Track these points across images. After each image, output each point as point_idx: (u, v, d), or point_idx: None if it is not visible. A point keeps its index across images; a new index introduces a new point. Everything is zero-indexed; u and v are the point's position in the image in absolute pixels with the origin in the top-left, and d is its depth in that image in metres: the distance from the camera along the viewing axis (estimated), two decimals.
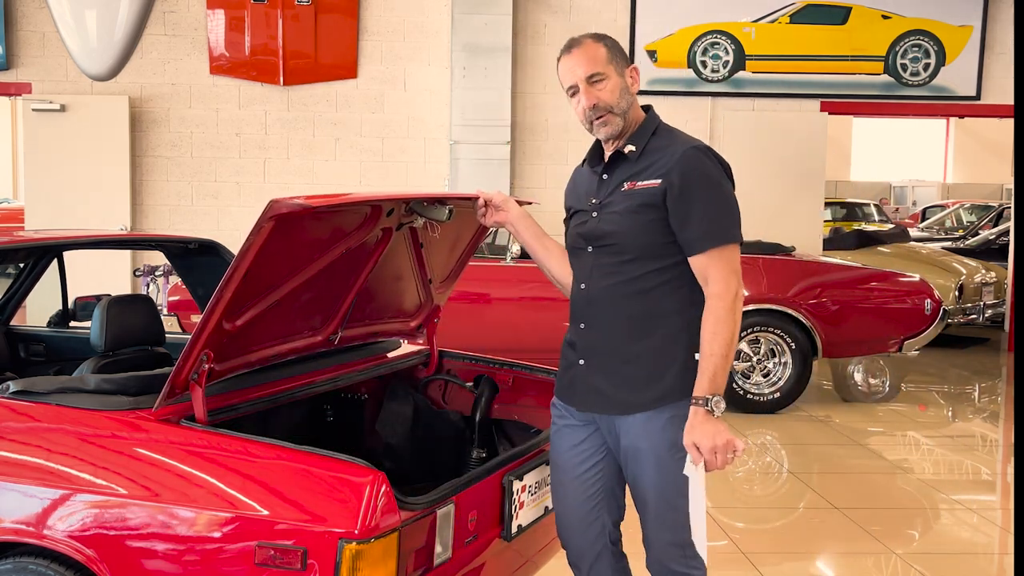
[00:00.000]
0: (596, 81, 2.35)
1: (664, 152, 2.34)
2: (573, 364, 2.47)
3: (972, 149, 22.16)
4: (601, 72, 2.35)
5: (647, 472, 2.35)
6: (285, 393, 2.59)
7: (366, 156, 9.10)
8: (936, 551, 4.22)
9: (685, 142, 2.36)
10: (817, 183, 9.27)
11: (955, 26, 9.24)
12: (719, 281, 2.27)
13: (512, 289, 6.73)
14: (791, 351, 6.59)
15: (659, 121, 2.44)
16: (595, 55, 2.36)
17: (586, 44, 2.37)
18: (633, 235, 2.34)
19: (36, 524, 2.15)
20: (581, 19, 9.10)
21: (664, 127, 2.43)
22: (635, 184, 2.34)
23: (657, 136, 2.39)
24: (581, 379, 2.44)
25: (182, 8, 8.95)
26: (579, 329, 2.45)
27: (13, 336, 4.01)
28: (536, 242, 2.63)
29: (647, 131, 2.40)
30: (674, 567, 2.39)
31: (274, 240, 2.11)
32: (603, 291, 2.39)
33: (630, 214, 2.34)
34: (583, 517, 2.48)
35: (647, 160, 2.36)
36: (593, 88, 2.35)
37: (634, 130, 2.40)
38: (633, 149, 2.38)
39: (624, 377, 2.36)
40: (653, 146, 2.37)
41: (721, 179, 2.33)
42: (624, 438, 2.38)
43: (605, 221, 2.38)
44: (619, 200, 2.37)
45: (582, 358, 2.44)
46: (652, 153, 2.36)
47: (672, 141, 2.37)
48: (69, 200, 8.63)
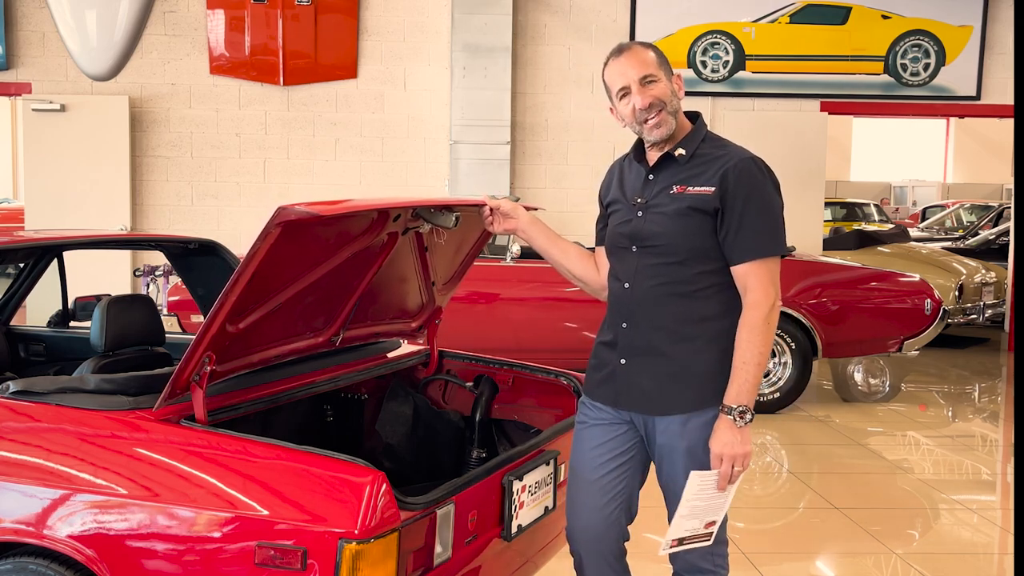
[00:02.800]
0: (649, 82, 2.36)
1: (718, 160, 2.36)
2: (610, 363, 2.47)
3: (972, 149, 22.16)
4: (653, 74, 2.37)
5: (683, 472, 2.36)
6: (285, 393, 2.59)
7: (366, 156, 9.10)
8: (936, 551, 4.22)
9: (739, 151, 2.39)
10: (817, 183, 9.27)
11: (955, 26, 9.24)
12: (757, 290, 2.30)
13: (512, 289, 6.73)
14: (791, 351, 6.59)
15: (707, 129, 2.47)
16: (646, 58, 2.38)
17: (636, 48, 2.40)
18: (681, 238, 2.36)
19: (36, 524, 2.15)
20: (581, 19, 9.10)
21: (712, 135, 2.46)
22: (685, 188, 2.36)
23: (707, 143, 2.42)
24: (622, 378, 2.44)
25: (182, 8, 8.95)
26: (621, 328, 2.45)
27: (13, 336, 4.01)
28: (551, 245, 2.63)
29: (697, 137, 2.42)
30: (702, 564, 2.44)
31: (280, 246, 2.11)
32: (648, 291, 2.40)
33: (679, 217, 2.35)
34: (604, 517, 2.48)
35: (697, 166, 2.37)
36: (647, 88, 2.37)
37: (684, 135, 2.42)
38: (683, 152, 2.39)
39: (667, 377, 2.38)
40: (703, 152, 2.39)
41: (773, 192, 2.37)
42: (661, 436, 2.40)
43: (652, 222, 2.39)
44: (667, 202, 2.38)
45: (623, 357, 2.44)
46: (703, 159, 2.38)
47: (725, 150, 2.40)
48: (69, 200, 8.63)
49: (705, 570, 2.45)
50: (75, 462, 2.17)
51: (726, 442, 2.27)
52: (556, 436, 2.78)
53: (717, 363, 2.34)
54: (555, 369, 3.15)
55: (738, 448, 2.26)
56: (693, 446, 2.35)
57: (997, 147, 20.82)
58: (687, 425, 2.35)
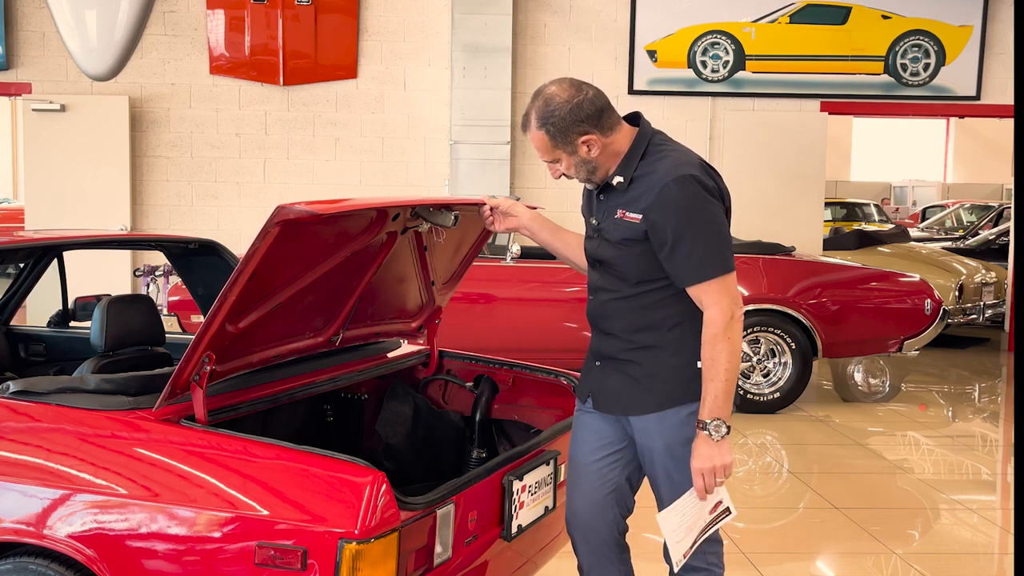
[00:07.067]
0: (551, 163, 2.41)
1: (648, 180, 2.32)
2: (590, 364, 2.56)
3: (972, 149, 22.16)
4: (551, 158, 2.39)
5: (662, 469, 2.41)
6: (285, 393, 2.59)
7: (366, 156, 9.10)
8: (936, 551, 4.22)
9: (666, 172, 2.30)
10: (817, 183, 9.27)
11: (955, 26, 9.24)
12: (711, 307, 2.29)
13: (512, 289, 6.73)
14: (791, 351, 6.59)
15: (649, 137, 2.39)
16: (540, 145, 2.38)
17: (530, 131, 2.38)
18: (627, 264, 2.38)
19: (36, 524, 2.15)
20: (581, 19, 9.10)
21: (655, 144, 2.38)
22: (624, 213, 2.36)
23: (646, 159, 2.36)
24: (597, 380, 2.52)
25: (182, 8, 8.95)
26: (593, 334, 2.54)
27: (13, 336, 4.01)
28: (555, 239, 2.65)
29: (635, 156, 2.37)
30: (695, 563, 2.46)
31: (280, 245, 2.11)
32: (607, 304, 2.45)
33: (619, 245, 2.37)
34: (596, 503, 2.51)
35: (637, 188, 2.35)
36: (552, 166, 2.42)
37: (619, 161, 2.38)
38: (621, 180, 2.38)
39: (633, 381, 2.42)
40: (642, 172, 2.35)
41: (703, 211, 2.28)
42: (640, 436, 2.44)
43: (603, 247, 2.43)
44: (611, 228, 2.39)
45: (597, 360, 2.52)
46: (640, 180, 2.35)
47: (656, 168, 2.32)
48: (69, 200, 8.63)
49: (699, 568, 2.47)
50: (75, 462, 2.17)
51: (704, 456, 2.29)
52: (556, 436, 2.78)
53: (682, 366, 2.37)
54: (555, 369, 3.15)
55: (716, 461, 2.28)
56: (671, 443, 2.38)
57: (997, 147, 20.81)
58: (664, 423, 2.38)
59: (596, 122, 2.33)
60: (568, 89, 2.33)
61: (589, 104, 2.32)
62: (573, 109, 2.31)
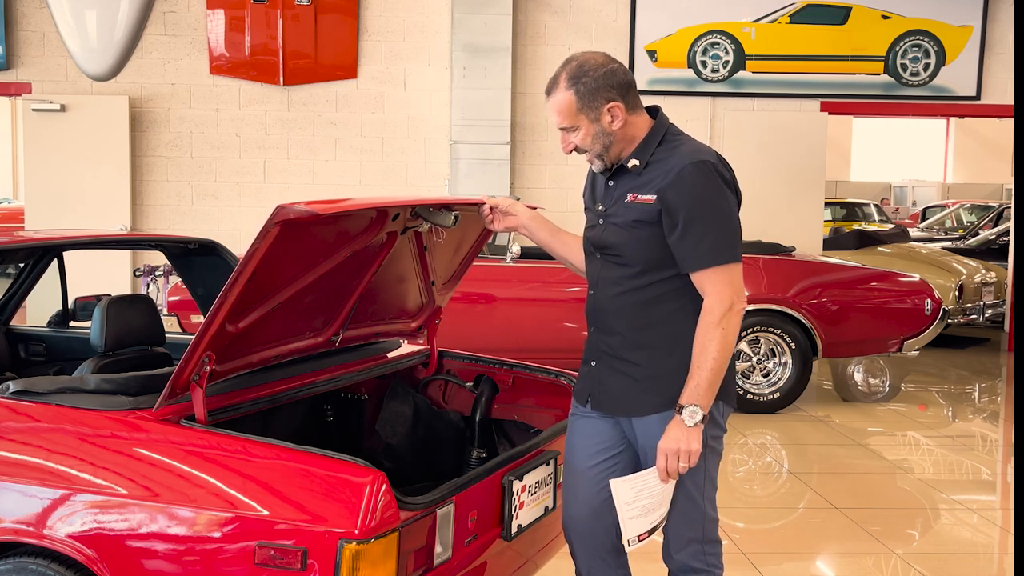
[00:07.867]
0: (568, 131, 2.38)
1: (664, 164, 2.32)
2: (586, 364, 2.53)
3: (972, 149, 22.16)
4: (571, 124, 2.36)
5: None
6: (285, 393, 2.59)
7: (366, 156, 9.10)
8: (936, 551, 4.22)
9: (685, 156, 2.32)
10: (817, 183, 9.27)
11: (955, 26, 9.24)
12: (712, 295, 2.29)
13: (511, 289, 6.73)
14: (791, 351, 6.59)
15: (667, 127, 2.41)
16: (564, 108, 2.35)
17: (557, 92, 2.35)
18: (635, 249, 2.36)
19: (36, 524, 2.15)
20: (581, 19, 9.10)
21: (672, 135, 2.40)
22: (636, 197, 2.34)
23: (663, 145, 2.37)
24: (594, 380, 2.49)
25: (182, 8, 8.95)
26: (591, 332, 2.51)
27: (13, 336, 4.01)
28: (553, 239, 2.64)
29: (652, 143, 2.38)
30: (694, 564, 2.45)
31: (279, 245, 2.11)
32: (609, 300, 2.43)
33: (630, 228, 2.35)
34: (594, 509, 2.50)
35: (650, 172, 2.35)
36: (566, 135, 2.39)
37: (637, 144, 2.39)
38: (636, 163, 2.37)
39: (632, 381, 2.41)
40: (658, 158, 2.36)
41: (719, 197, 2.30)
42: (641, 437, 2.43)
43: (609, 231, 2.40)
44: (621, 212, 2.38)
45: (594, 360, 2.49)
46: (657, 164, 2.35)
47: (673, 153, 2.34)
48: (69, 200, 8.63)
49: (698, 569, 2.46)
50: (75, 462, 2.17)
51: (672, 438, 2.28)
52: (556, 436, 2.78)
53: (682, 367, 2.34)
54: (555, 369, 3.15)
55: (683, 444, 2.27)
56: None
57: (997, 147, 20.81)
58: (665, 424, 2.36)
59: (624, 93, 2.35)
60: (603, 57, 2.37)
61: (623, 74, 2.36)
62: (607, 74, 2.33)
